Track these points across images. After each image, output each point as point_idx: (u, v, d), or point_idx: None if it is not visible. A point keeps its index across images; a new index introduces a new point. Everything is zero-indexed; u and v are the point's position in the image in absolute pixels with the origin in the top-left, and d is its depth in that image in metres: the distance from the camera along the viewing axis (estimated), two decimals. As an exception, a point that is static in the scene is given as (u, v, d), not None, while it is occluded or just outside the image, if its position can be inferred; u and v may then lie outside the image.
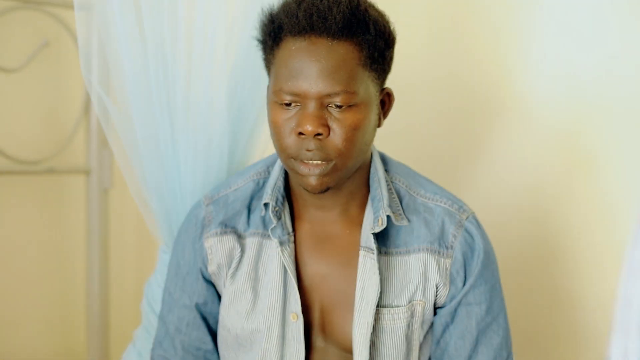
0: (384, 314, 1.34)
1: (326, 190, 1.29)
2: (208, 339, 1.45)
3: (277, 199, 1.37)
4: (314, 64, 1.22)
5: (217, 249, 1.41)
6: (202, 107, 1.60)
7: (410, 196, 1.38)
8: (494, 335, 1.38)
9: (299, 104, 1.25)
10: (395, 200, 1.37)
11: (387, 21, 1.31)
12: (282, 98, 1.25)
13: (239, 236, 1.40)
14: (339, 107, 1.24)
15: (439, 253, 1.35)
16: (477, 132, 1.90)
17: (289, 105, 1.26)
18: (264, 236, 1.39)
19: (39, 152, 2.26)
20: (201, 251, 1.42)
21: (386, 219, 1.33)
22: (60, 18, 2.23)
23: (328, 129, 1.24)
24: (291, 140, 1.26)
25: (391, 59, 1.32)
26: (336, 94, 1.23)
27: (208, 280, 1.43)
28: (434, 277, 1.35)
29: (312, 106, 1.24)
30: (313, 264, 1.37)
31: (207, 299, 1.43)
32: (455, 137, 1.93)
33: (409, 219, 1.36)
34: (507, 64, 1.85)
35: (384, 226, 1.33)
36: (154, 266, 1.77)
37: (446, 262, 1.35)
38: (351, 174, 1.33)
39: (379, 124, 1.34)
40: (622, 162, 1.69)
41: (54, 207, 2.34)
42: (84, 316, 2.37)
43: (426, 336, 1.40)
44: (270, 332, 1.36)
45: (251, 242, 1.39)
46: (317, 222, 1.37)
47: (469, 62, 1.91)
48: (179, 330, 1.43)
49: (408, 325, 1.35)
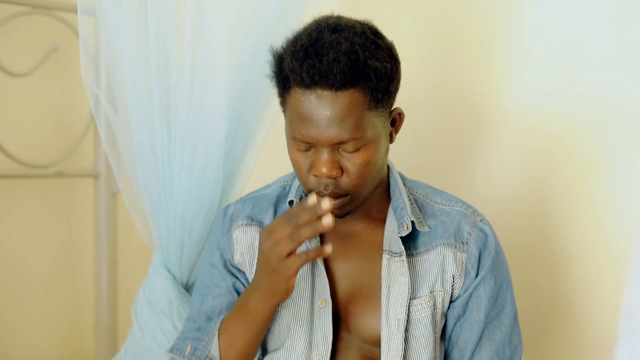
0: (410, 306, 1.40)
1: (347, 214, 1.39)
2: None
3: (301, 197, 1.47)
4: (321, 114, 1.29)
5: (241, 238, 1.49)
6: (203, 112, 1.62)
7: (428, 204, 1.46)
8: (497, 330, 1.43)
9: (313, 146, 1.33)
10: (416, 209, 1.45)
11: (391, 57, 1.33)
12: (298, 144, 1.34)
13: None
14: (349, 150, 1.32)
15: (455, 247, 1.42)
16: (472, 141, 1.90)
17: (306, 150, 1.34)
18: None
19: (47, 156, 2.27)
20: (229, 242, 1.50)
21: (411, 224, 1.41)
22: (69, 23, 2.24)
23: (341, 170, 1.33)
24: (310, 178, 1.35)
25: (397, 86, 1.36)
26: (345, 142, 1.30)
27: (238, 269, 1.51)
28: (450, 269, 1.42)
29: (324, 151, 1.32)
30: (336, 258, 1.43)
31: (242, 280, 1.50)
32: (450, 145, 1.94)
33: (429, 226, 1.44)
34: (502, 71, 1.85)
35: (409, 230, 1.41)
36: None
37: (462, 256, 1.42)
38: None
39: (391, 141, 1.41)
40: (624, 168, 1.70)
41: (62, 210, 2.35)
42: (92, 318, 2.38)
43: (442, 331, 1.45)
44: (300, 318, 1.42)
45: None
46: (340, 221, 1.43)
47: (464, 70, 1.92)
48: (209, 318, 1.49)
49: (432, 316, 1.41)
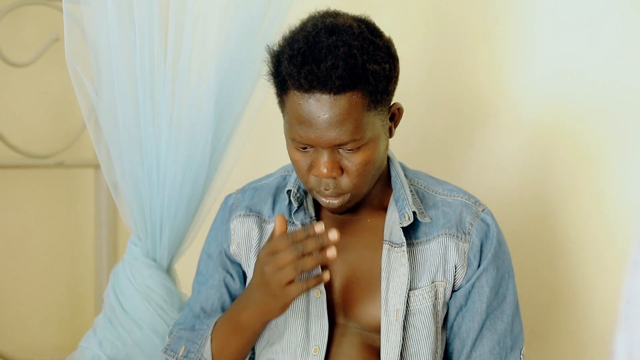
0: (409, 296, 1.41)
1: (347, 210, 1.41)
2: None
3: (299, 186, 1.47)
4: (320, 117, 1.29)
5: (238, 229, 1.51)
6: (189, 100, 1.62)
7: (430, 195, 1.47)
8: (498, 321, 1.43)
9: (313, 147, 1.34)
10: (417, 200, 1.45)
11: (389, 57, 1.32)
12: (297, 145, 1.34)
13: (263, 220, 1.50)
14: (349, 150, 1.32)
15: (457, 237, 1.43)
16: (473, 131, 1.90)
17: (304, 149, 1.35)
18: (288, 223, 1.47)
19: (48, 147, 2.27)
20: (227, 232, 1.52)
21: (412, 214, 1.41)
22: (70, 13, 2.23)
23: (341, 170, 1.34)
24: (309, 177, 1.36)
25: (396, 84, 1.36)
26: (344, 143, 1.31)
27: (233, 260, 1.52)
28: (452, 259, 1.42)
29: (324, 153, 1.33)
30: (336, 246, 1.42)
31: (233, 276, 1.52)
32: (451, 136, 1.94)
33: (430, 217, 1.44)
34: (504, 62, 1.85)
35: (410, 221, 1.41)
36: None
37: (464, 246, 1.42)
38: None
39: (390, 136, 1.41)
40: (625, 158, 1.70)
41: (63, 201, 2.35)
42: (92, 309, 2.38)
43: (443, 321, 1.46)
44: (296, 309, 1.43)
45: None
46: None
47: (464, 60, 1.91)
48: (203, 309, 1.51)
49: (434, 306, 1.41)
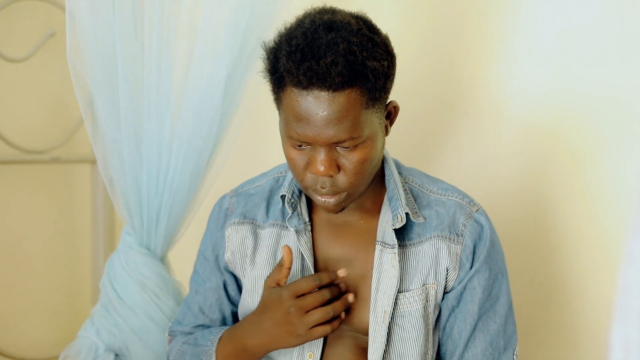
0: (400, 298, 1.40)
1: (342, 209, 1.39)
2: (230, 321, 1.55)
3: (293, 191, 1.46)
4: (318, 115, 1.27)
5: (233, 237, 1.50)
6: (197, 92, 1.62)
7: (424, 194, 1.45)
8: (491, 322, 1.42)
9: (309, 145, 1.32)
10: (411, 199, 1.44)
11: (387, 54, 1.31)
12: (293, 142, 1.33)
13: (257, 227, 1.50)
14: (346, 148, 1.31)
15: (449, 239, 1.42)
16: (466, 132, 1.90)
17: (300, 146, 1.33)
18: (282, 227, 1.47)
19: (45, 142, 2.27)
20: (222, 239, 1.52)
21: (405, 216, 1.40)
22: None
23: (338, 168, 1.32)
24: (305, 176, 1.34)
25: (393, 81, 1.35)
26: (342, 141, 1.29)
27: (226, 268, 1.53)
28: (444, 261, 1.41)
29: (321, 150, 1.31)
30: (329, 250, 1.44)
31: (229, 281, 1.53)
32: (444, 136, 1.94)
33: (424, 217, 1.43)
34: (499, 61, 1.85)
35: (403, 222, 1.40)
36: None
37: (457, 248, 1.41)
38: None
39: (386, 134, 1.39)
40: (617, 158, 1.70)
41: (59, 196, 2.35)
42: (90, 303, 2.38)
43: (435, 322, 1.45)
44: None
45: (270, 232, 1.48)
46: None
47: (458, 61, 1.91)
48: (202, 310, 1.53)
49: (424, 308, 1.41)
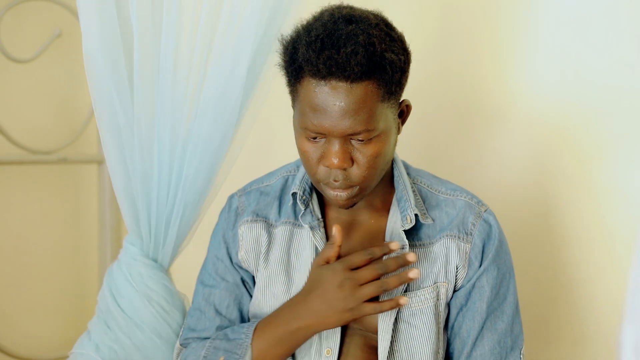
0: (411, 297, 1.40)
1: (353, 205, 1.40)
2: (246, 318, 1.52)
3: (304, 189, 1.47)
4: (335, 105, 1.29)
5: (247, 235, 1.50)
6: (214, 97, 1.58)
7: (433, 194, 1.46)
8: (498, 320, 1.43)
9: (324, 137, 1.33)
10: (420, 200, 1.45)
11: (403, 50, 1.33)
12: (308, 134, 1.34)
13: (270, 225, 1.50)
14: (361, 140, 1.32)
15: (459, 238, 1.42)
16: (474, 131, 1.90)
17: (315, 138, 1.34)
18: (294, 225, 1.48)
19: (51, 142, 2.27)
20: (234, 238, 1.51)
21: (414, 217, 1.42)
22: (73, 9, 2.23)
23: (352, 161, 1.33)
24: (319, 169, 1.35)
25: (407, 78, 1.36)
26: (358, 133, 1.30)
27: (239, 266, 1.51)
28: (454, 260, 1.42)
29: (336, 142, 1.32)
30: (341, 247, 1.43)
31: (246, 278, 1.51)
32: (452, 135, 1.94)
33: (432, 218, 1.44)
34: (508, 64, 1.85)
35: (412, 224, 1.41)
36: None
37: (466, 247, 1.42)
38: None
39: (398, 133, 1.40)
40: (626, 159, 1.70)
41: (66, 196, 2.35)
42: (95, 304, 2.38)
43: (445, 321, 1.45)
44: None
45: (282, 230, 1.48)
46: (343, 210, 1.45)
47: (468, 59, 1.91)
48: (218, 312, 1.50)
49: (435, 306, 1.41)
